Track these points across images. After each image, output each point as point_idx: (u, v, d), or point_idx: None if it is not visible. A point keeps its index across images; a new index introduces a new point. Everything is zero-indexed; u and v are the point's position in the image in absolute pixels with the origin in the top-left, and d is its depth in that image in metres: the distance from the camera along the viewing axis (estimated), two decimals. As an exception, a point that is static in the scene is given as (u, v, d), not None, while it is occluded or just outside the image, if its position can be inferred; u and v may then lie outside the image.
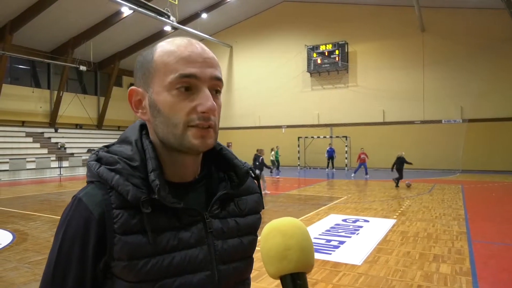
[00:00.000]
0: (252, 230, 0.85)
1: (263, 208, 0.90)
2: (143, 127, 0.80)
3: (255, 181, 0.90)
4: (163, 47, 0.74)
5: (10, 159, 17.95)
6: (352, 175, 17.67)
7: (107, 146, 0.78)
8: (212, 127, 0.73)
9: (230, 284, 0.78)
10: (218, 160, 0.83)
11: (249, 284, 0.85)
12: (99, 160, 0.74)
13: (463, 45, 20.34)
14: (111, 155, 0.74)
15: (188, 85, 0.70)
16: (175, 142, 0.72)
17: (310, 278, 4.29)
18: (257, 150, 11.57)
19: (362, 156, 17.27)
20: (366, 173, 17.26)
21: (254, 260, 0.87)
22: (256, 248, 0.84)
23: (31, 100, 22.89)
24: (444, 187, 13.29)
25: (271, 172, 19.41)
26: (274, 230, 0.67)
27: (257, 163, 11.17)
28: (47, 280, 0.69)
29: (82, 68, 22.97)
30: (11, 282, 4.21)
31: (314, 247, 0.69)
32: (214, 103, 0.72)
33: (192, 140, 0.71)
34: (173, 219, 0.73)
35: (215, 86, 0.74)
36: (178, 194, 0.75)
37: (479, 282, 4.15)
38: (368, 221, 7.58)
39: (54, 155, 20.71)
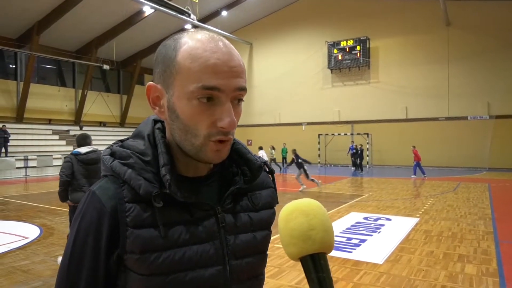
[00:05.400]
0: (266, 225, 0.84)
1: (278, 203, 0.89)
2: (156, 122, 0.80)
3: (270, 175, 0.89)
4: (188, 46, 0.70)
5: (37, 156, 18.55)
6: None
7: (121, 141, 0.79)
8: (229, 140, 0.73)
9: (243, 279, 0.77)
10: (231, 154, 0.82)
11: (262, 280, 0.84)
12: (113, 154, 0.75)
13: (490, 39, 19.63)
14: (124, 150, 0.74)
15: (210, 96, 0.69)
16: (191, 151, 0.72)
17: (330, 276, 4.25)
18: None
19: None
20: None
21: (274, 257, 0.85)
22: (275, 244, 0.82)
23: (57, 99, 23.57)
24: (469, 186, 12.91)
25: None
26: (295, 211, 0.65)
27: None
28: (63, 271, 0.71)
29: (106, 67, 23.50)
30: (38, 275, 4.35)
31: (334, 245, 0.67)
32: (234, 119, 0.70)
33: (208, 153, 0.71)
34: (185, 214, 0.73)
35: (238, 96, 0.72)
36: (191, 188, 0.75)
37: (507, 284, 4.01)
38: (390, 219, 7.45)
39: (79, 152, 21.24)
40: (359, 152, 19.74)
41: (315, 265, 0.63)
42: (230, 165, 0.83)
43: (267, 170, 0.87)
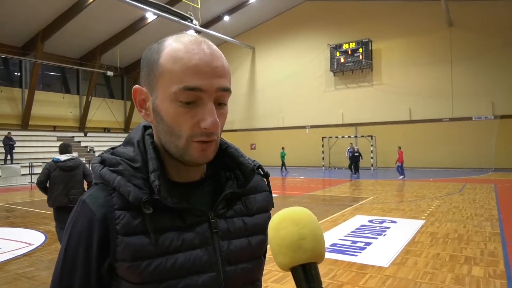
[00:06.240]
0: (261, 230, 0.82)
1: (273, 207, 0.88)
2: (146, 128, 0.80)
3: (264, 179, 0.87)
4: (170, 48, 0.70)
5: (42, 162, 18.63)
6: None
7: (112, 148, 0.79)
8: (214, 140, 0.71)
9: (237, 285, 0.76)
10: (224, 158, 0.81)
11: (259, 286, 0.83)
12: (102, 162, 0.74)
13: (493, 38, 19.56)
14: (114, 157, 0.74)
15: (192, 98, 0.68)
16: (176, 153, 0.72)
17: (336, 280, 4.22)
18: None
19: None
20: None
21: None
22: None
23: (61, 106, 23.76)
24: (475, 187, 12.81)
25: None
26: (286, 220, 0.63)
27: None
28: (56, 280, 0.71)
29: (109, 73, 23.67)
30: (43, 282, 4.35)
31: (339, 248, 0.66)
32: (217, 119, 0.69)
33: (193, 153, 0.70)
34: (177, 220, 0.72)
35: (221, 97, 0.71)
36: (183, 194, 0.74)
37: (515, 286, 3.96)
38: (395, 222, 7.39)
39: (84, 159, 21.38)
40: (351, 155, 19.57)
41: (306, 276, 0.61)
42: (223, 170, 0.82)
43: (262, 173, 0.86)
